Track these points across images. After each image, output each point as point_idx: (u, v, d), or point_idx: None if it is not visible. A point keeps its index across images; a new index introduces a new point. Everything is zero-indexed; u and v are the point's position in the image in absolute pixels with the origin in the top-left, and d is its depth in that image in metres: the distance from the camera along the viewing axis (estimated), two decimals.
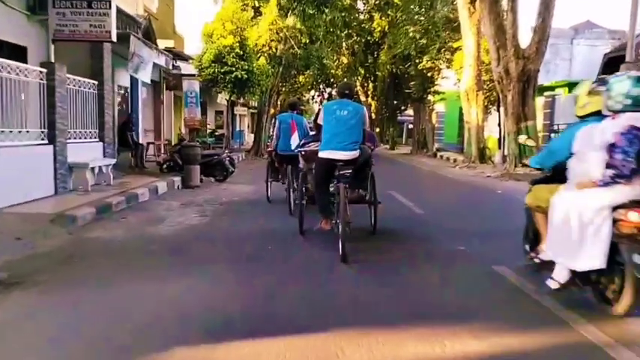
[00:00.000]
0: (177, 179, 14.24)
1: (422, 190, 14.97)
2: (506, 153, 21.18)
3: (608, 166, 4.33)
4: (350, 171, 6.67)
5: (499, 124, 22.36)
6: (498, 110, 22.26)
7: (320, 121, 7.09)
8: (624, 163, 4.22)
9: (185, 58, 20.51)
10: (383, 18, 38.79)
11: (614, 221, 4.33)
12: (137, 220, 9.06)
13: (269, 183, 11.56)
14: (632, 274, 4.16)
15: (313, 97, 57.50)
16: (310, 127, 10.21)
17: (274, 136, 10.66)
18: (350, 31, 36.70)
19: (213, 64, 20.31)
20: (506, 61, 18.55)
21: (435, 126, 37.95)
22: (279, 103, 48.33)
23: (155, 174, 15.05)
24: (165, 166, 15.74)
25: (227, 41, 20.50)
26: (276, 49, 27.55)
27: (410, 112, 52.13)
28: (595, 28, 31.26)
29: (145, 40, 16.24)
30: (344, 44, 41.16)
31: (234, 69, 20.06)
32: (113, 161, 12.84)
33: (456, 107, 36.67)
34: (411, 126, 56.56)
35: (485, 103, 23.60)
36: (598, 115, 4.71)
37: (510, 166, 18.64)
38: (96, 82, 12.95)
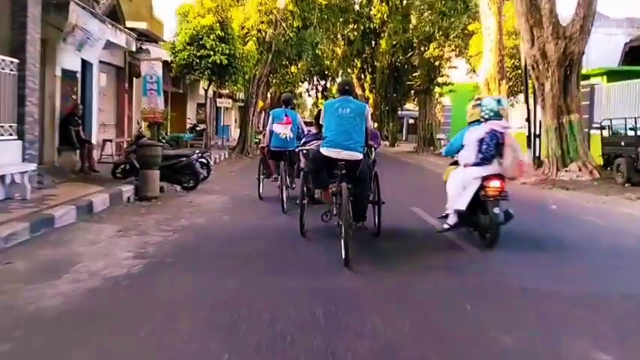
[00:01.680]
0: (130, 188, 10.85)
1: None
2: (539, 154, 17.91)
3: (479, 152, 6.99)
4: (344, 171, 6.51)
5: (527, 119, 18.99)
6: (527, 102, 18.89)
7: (322, 120, 7.01)
8: (487, 150, 6.93)
9: (155, 40, 17.07)
10: (383, 4, 35.40)
11: (483, 187, 6.86)
12: (26, 268, 5.62)
13: (261, 179, 11.06)
14: (493, 220, 6.75)
15: (307, 91, 54.17)
16: (305, 123, 11.03)
17: (267, 132, 10.55)
18: (347, 16, 33.14)
19: (188, 47, 16.87)
20: (543, 42, 15.22)
21: (441, 121, 34.59)
22: (269, 95, 45.06)
23: (104, 181, 11.64)
24: (119, 170, 12.32)
25: (206, 21, 17.06)
26: (266, 33, 24.13)
27: (410, 105, 49.09)
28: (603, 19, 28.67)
29: (105, 17, 12.88)
30: (339, 33, 37.69)
31: (212, 53, 16.61)
32: (32, 166, 9.39)
33: (465, 100, 33.09)
34: (411, 121, 53.48)
35: (508, 95, 20.25)
36: (477, 122, 7.26)
37: (551, 171, 15.28)
38: (15, 61, 9.51)
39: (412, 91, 44.40)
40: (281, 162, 9.92)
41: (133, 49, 14.00)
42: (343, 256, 5.81)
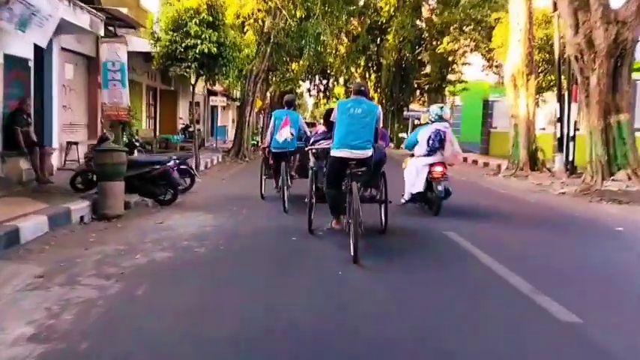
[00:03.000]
0: (85, 205, 8.51)
1: (493, 226, 9.03)
2: (573, 159, 15.57)
3: (427, 146, 9.18)
4: (363, 169, 6.70)
5: (559, 119, 16.63)
6: (560, 100, 16.54)
7: (333, 119, 7.04)
8: (433, 145, 9.13)
9: (133, 26, 14.70)
10: None
11: (430, 172, 9.11)
12: None
13: (263, 180, 11.07)
14: (437, 196, 9.03)
15: (309, 91, 51.69)
16: (307, 124, 11.59)
17: (268, 133, 10.46)
18: (352, 9, 30.70)
19: (171, 34, 14.46)
20: (590, 28, 12.83)
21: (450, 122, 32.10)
22: (268, 94, 42.64)
23: (57, 194, 9.27)
24: (79, 180, 9.97)
25: (191, 2, 14.61)
26: (264, 22, 21.75)
27: (415, 106, 46.66)
28: None
29: (82, 4, 10.56)
30: (343, 29, 35.20)
31: (199, 41, 14.20)
32: None
33: (477, 100, 31.11)
34: (417, 122, 50.92)
35: (536, 91, 17.87)
36: (427, 124, 9.81)
37: (595, 180, 12.90)
38: None
39: (419, 90, 42.30)
40: (282, 163, 9.87)
41: (101, 33, 11.60)
42: (352, 253, 5.97)
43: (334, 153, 6.74)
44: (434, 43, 27.89)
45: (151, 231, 7.62)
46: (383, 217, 7.57)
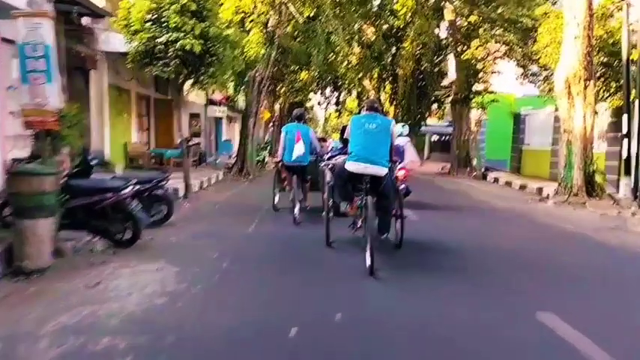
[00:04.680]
0: None
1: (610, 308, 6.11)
2: None
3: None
4: (378, 187, 6.65)
5: (625, 134, 13.67)
6: (628, 110, 13.60)
7: (347, 135, 7.10)
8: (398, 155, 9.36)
9: (99, 14, 11.91)
10: None
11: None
12: None
13: (276, 193, 11.17)
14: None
15: (319, 104, 49.00)
16: (319, 139, 11.64)
17: (280, 147, 10.37)
18: (367, 9, 27.89)
19: (148, 26, 11.58)
20: None
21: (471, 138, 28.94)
22: (277, 106, 39.91)
23: None
24: (5, 212, 7.15)
25: None
26: (268, 19, 19.00)
27: (431, 121, 43.80)
28: None
29: None
30: (356, 36, 32.35)
31: (180, 34, 11.33)
32: None
33: (503, 113, 28.21)
34: (435, 137, 48.14)
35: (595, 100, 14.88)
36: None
37: None
38: None
39: (436, 103, 39.40)
40: (294, 176, 10.02)
41: (49, 10, 8.82)
42: (368, 266, 6.08)
43: (348, 166, 6.75)
44: (459, 48, 24.92)
45: (67, 305, 4.79)
46: (399, 231, 7.55)
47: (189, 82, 12.75)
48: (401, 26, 34.06)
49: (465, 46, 24.36)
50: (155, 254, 6.77)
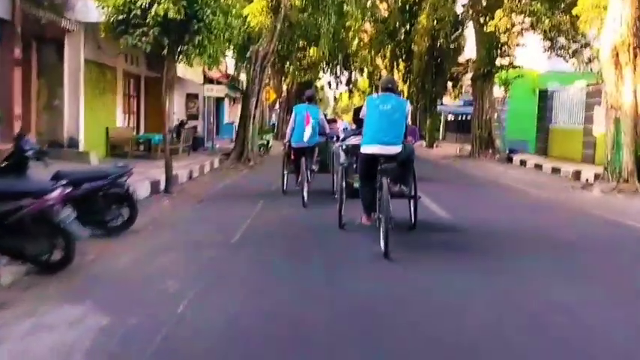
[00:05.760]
0: None
1: None
2: None
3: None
4: (393, 165, 6.60)
5: None
6: None
7: (362, 115, 7.08)
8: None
9: None
10: None
11: None
12: None
13: (285, 175, 10.88)
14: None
15: (329, 84, 46.80)
16: (327, 120, 11.97)
17: (289, 128, 10.30)
18: None
19: None
20: None
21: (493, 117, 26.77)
22: (284, 86, 37.81)
23: None
24: None
25: None
26: None
27: (447, 100, 41.68)
28: None
29: None
30: (369, 12, 30.16)
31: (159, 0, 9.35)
32: None
33: (526, 91, 26.08)
34: (450, 117, 45.85)
35: None
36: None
37: None
38: None
39: (451, 82, 37.39)
40: (302, 158, 9.81)
41: None
42: (383, 248, 6.01)
43: (364, 149, 6.78)
44: (481, 19, 22.71)
45: None
46: (412, 213, 7.48)
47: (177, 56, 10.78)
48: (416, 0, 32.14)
49: (487, 18, 22.13)
50: (84, 288, 4.80)
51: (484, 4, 23.18)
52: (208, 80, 22.06)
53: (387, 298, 4.66)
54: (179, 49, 10.31)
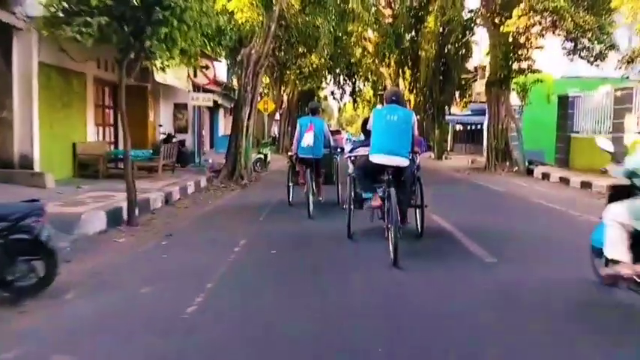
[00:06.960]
0: None
1: None
2: None
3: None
4: (400, 178, 6.79)
5: None
6: None
7: (369, 127, 7.25)
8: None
9: None
10: None
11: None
12: None
13: (290, 187, 10.96)
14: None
15: (332, 94, 44.95)
16: (331, 132, 11.95)
17: (295, 140, 10.45)
18: None
19: None
20: None
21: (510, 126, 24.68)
22: (285, 96, 35.86)
23: None
24: None
25: None
26: None
27: (455, 109, 39.76)
28: None
29: None
30: (373, 18, 28.26)
31: None
32: None
33: (541, 97, 24.14)
34: (459, 127, 43.80)
35: None
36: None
37: None
38: None
39: (459, 90, 35.62)
40: (307, 170, 9.91)
41: None
42: (392, 256, 6.11)
43: (372, 158, 6.87)
44: (496, 20, 20.71)
45: None
46: (419, 222, 7.59)
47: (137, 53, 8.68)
48: (422, 3, 30.42)
49: (502, 18, 20.15)
50: None
51: (499, 2, 21.17)
52: (195, 88, 20.06)
53: (401, 309, 4.75)
54: (140, 46, 8.17)
